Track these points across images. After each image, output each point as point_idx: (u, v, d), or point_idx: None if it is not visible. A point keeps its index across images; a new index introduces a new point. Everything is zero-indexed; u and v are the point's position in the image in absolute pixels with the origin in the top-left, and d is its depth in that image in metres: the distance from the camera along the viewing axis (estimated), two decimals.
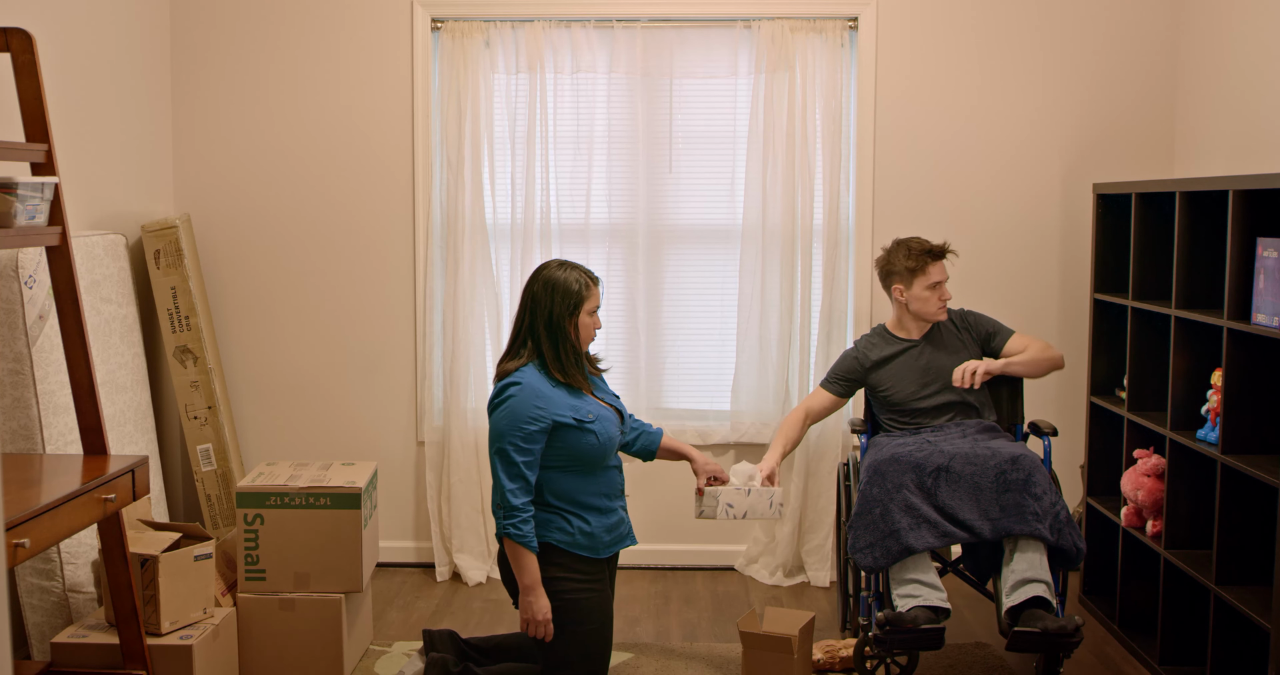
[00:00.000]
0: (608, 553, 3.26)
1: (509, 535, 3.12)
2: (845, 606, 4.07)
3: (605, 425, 3.23)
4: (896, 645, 3.34)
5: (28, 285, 3.43)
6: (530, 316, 3.22)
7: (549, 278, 3.22)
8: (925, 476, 3.49)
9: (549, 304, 3.19)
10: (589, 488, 3.23)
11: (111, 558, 3.12)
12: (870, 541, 3.47)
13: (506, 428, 3.12)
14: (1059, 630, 3.22)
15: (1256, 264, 3.24)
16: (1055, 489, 3.52)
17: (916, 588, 3.43)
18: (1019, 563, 3.42)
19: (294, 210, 4.75)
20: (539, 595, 3.14)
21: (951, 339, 3.98)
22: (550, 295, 3.20)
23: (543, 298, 3.20)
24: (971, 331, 4.01)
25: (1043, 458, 3.75)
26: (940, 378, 3.91)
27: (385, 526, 4.80)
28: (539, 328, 3.21)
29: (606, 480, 3.27)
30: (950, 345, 3.97)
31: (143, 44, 4.48)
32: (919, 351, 3.95)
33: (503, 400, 3.16)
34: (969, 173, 4.69)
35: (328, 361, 4.80)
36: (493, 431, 3.16)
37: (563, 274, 3.22)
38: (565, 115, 4.67)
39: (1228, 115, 4.22)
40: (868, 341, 4.03)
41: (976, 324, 4.03)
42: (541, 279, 3.23)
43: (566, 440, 3.17)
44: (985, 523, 3.44)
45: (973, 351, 3.97)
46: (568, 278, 3.21)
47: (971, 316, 4.05)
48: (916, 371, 3.92)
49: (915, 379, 3.91)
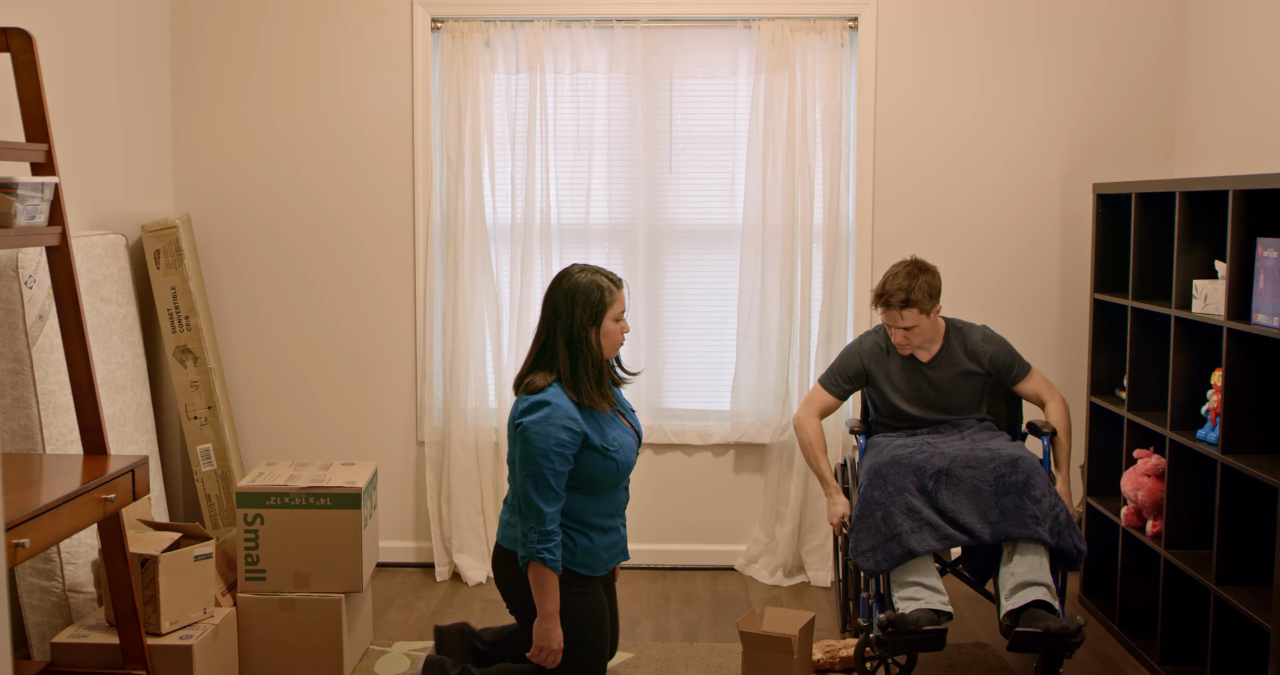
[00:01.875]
0: (603, 571, 3.20)
1: (540, 560, 2.97)
2: (845, 607, 4.07)
3: (626, 453, 3.13)
4: (898, 647, 3.33)
5: (28, 285, 3.43)
6: (550, 330, 3.08)
7: (570, 286, 3.07)
8: (926, 479, 3.48)
9: (569, 316, 3.05)
10: (596, 508, 3.13)
11: (111, 558, 3.11)
12: (872, 544, 3.46)
13: (543, 448, 2.97)
14: (1061, 630, 3.23)
15: (1256, 264, 3.24)
16: (1054, 490, 3.51)
17: (918, 590, 3.42)
18: (1019, 565, 3.42)
19: (294, 210, 4.75)
20: (557, 624, 3.03)
21: (958, 363, 3.84)
22: (570, 306, 3.05)
23: (563, 309, 3.06)
24: (983, 359, 3.84)
25: (1041, 458, 3.73)
26: (936, 401, 3.83)
27: (385, 526, 4.80)
28: (558, 342, 3.06)
29: (613, 501, 3.18)
30: (955, 370, 3.84)
31: (143, 44, 4.48)
32: (922, 371, 3.84)
33: (536, 419, 2.99)
34: (969, 173, 4.69)
35: (328, 361, 4.80)
36: (527, 451, 2.98)
37: (584, 278, 3.07)
38: (565, 115, 4.67)
39: (1228, 115, 4.22)
40: (874, 341, 3.92)
41: (994, 353, 3.85)
42: (563, 289, 3.08)
43: (585, 463, 3.05)
44: (985, 526, 3.44)
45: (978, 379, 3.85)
46: (589, 283, 3.06)
47: (992, 343, 3.87)
48: (914, 387, 3.85)
49: (911, 393, 3.85)
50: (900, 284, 3.70)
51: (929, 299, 3.71)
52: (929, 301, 3.71)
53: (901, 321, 3.72)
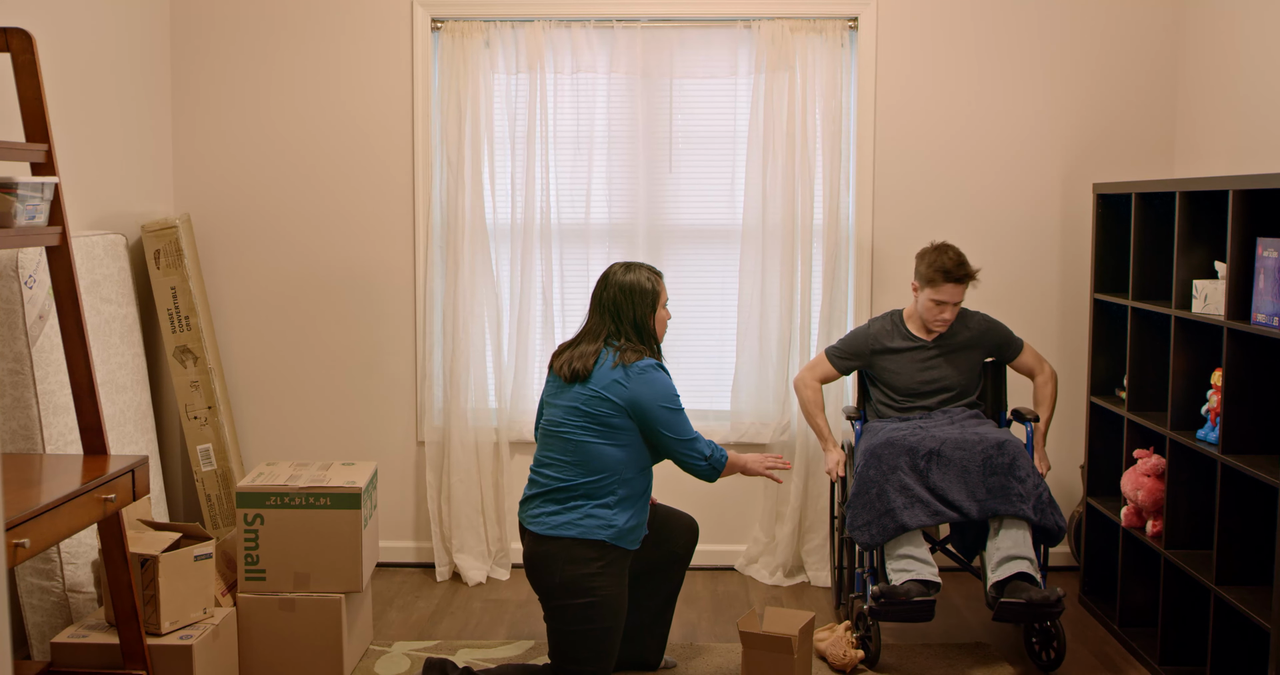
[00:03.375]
0: (634, 547, 3.38)
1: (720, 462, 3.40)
2: (840, 582, 4.25)
3: None
4: (890, 616, 3.58)
5: (28, 285, 3.43)
6: (614, 321, 3.39)
7: (620, 283, 3.40)
8: (919, 459, 3.71)
9: (631, 306, 3.38)
10: (646, 485, 3.41)
11: (111, 558, 3.11)
12: (867, 520, 3.70)
13: (669, 391, 3.33)
14: (1043, 600, 3.49)
15: (1256, 264, 3.24)
16: (1037, 472, 3.74)
17: (910, 563, 3.66)
18: (1004, 540, 3.66)
19: (294, 210, 4.75)
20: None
21: (964, 345, 4.11)
22: (630, 297, 3.38)
23: (623, 301, 3.38)
24: (983, 337, 4.14)
25: (1025, 442, 3.95)
26: (940, 380, 4.06)
27: (385, 526, 4.80)
28: (626, 329, 3.38)
29: (649, 478, 3.44)
30: (960, 351, 4.11)
31: (143, 44, 4.48)
32: (928, 353, 4.08)
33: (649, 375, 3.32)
34: (969, 172, 4.69)
35: (328, 361, 4.80)
36: (650, 396, 3.29)
37: (634, 276, 3.41)
38: (565, 115, 4.67)
39: (1228, 115, 4.22)
40: (881, 327, 4.16)
41: (991, 333, 4.16)
42: (614, 285, 3.41)
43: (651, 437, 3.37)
44: (973, 503, 3.67)
45: (977, 354, 4.13)
46: (639, 278, 3.41)
47: (988, 322, 4.17)
48: (919, 367, 4.07)
49: (916, 373, 4.07)
50: (959, 258, 3.96)
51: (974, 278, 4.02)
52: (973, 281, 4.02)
53: (954, 296, 3.96)
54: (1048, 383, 4.18)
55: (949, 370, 4.06)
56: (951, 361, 4.08)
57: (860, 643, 3.75)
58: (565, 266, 4.71)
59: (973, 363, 4.11)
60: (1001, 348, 4.16)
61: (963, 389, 4.08)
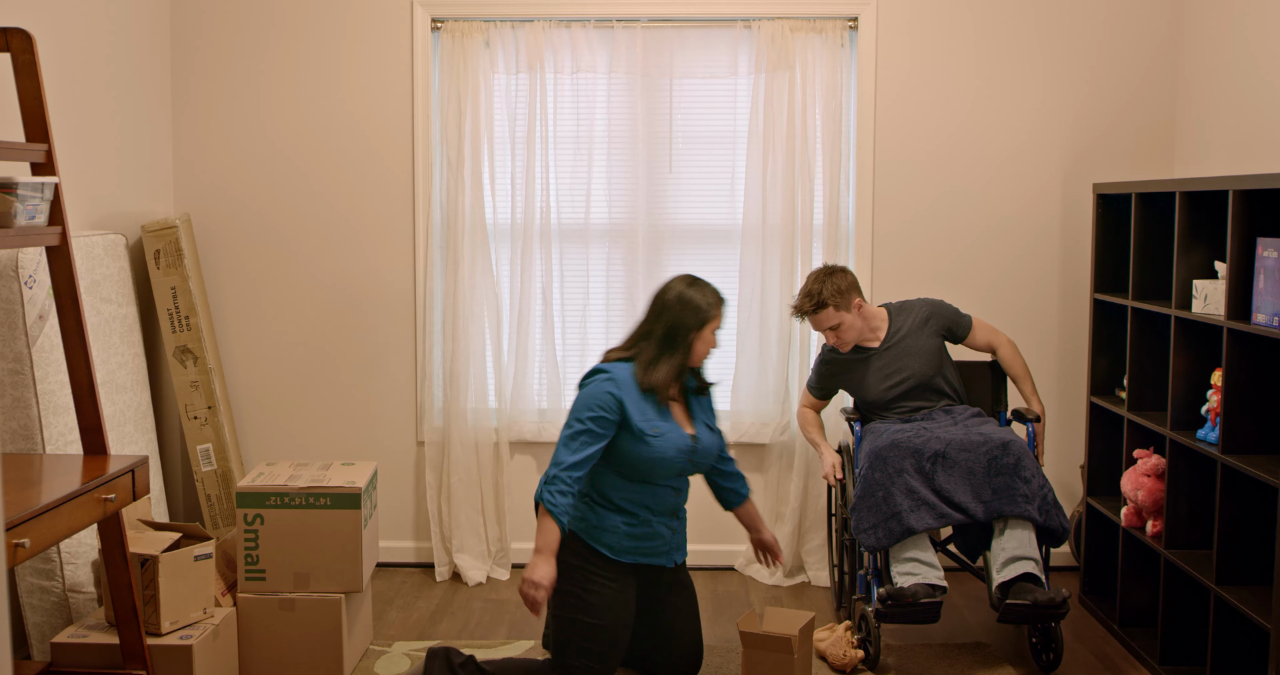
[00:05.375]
0: (628, 559, 3.27)
1: (542, 500, 3.14)
2: (842, 584, 4.22)
3: (665, 445, 3.23)
4: (896, 619, 3.56)
5: (28, 285, 3.43)
6: (653, 321, 3.30)
7: (681, 293, 3.29)
8: (924, 461, 3.69)
9: (677, 313, 3.27)
10: (634, 496, 3.27)
11: (111, 558, 3.11)
12: (874, 523, 3.68)
13: (585, 402, 3.20)
14: (1048, 601, 3.48)
15: (1256, 264, 3.24)
16: (1042, 472, 3.72)
17: (916, 566, 3.65)
18: (1009, 541, 3.65)
19: (294, 210, 4.75)
20: (545, 561, 3.13)
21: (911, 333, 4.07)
22: (681, 307, 3.28)
23: (674, 306, 3.28)
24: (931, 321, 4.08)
25: (1026, 442, 3.93)
26: (906, 378, 4.03)
27: (385, 526, 4.80)
28: (656, 331, 3.28)
29: (653, 494, 3.29)
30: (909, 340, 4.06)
31: (142, 44, 4.48)
32: (882, 359, 4.07)
33: (585, 383, 3.26)
34: (969, 172, 4.69)
35: (327, 361, 4.80)
36: (574, 405, 3.23)
37: (695, 292, 3.30)
38: (565, 115, 4.67)
39: (1228, 115, 4.22)
40: (829, 348, 4.15)
41: (937, 315, 4.11)
42: (674, 292, 3.30)
43: (619, 441, 3.21)
44: (979, 505, 3.66)
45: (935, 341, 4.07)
46: (700, 295, 3.29)
47: (931, 305, 4.13)
48: (880, 375, 4.06)
49: (880, 380, 4.05)
50: (807, 290, 3.97)
51: (839, 295, 3.94)
52: (840, 298, 3.94)
53: (823, 323, 3.97)
54: (1014, 353, 4.13)
55: (909, 362, 4.02)
56: (907, 355, 4.03)
57: (860, 644, 3.75)
58: (565, 267, 4.71)
59: (930, 348, 4.05)
60: (951, 328, 4.11)
61: (932, 374, 4.02)
